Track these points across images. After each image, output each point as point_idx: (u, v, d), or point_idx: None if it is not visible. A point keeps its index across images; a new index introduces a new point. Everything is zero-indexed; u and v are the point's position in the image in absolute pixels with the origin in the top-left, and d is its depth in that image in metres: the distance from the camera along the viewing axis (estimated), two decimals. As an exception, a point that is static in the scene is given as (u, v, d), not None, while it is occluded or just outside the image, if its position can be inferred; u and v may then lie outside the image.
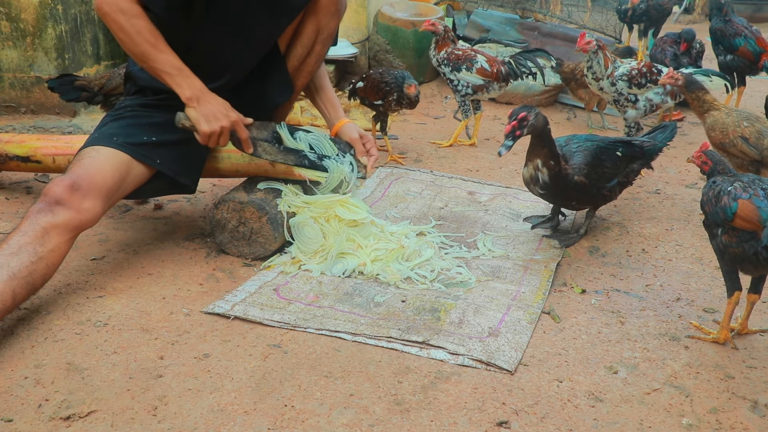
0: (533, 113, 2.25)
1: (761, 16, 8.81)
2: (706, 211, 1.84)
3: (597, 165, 2.40)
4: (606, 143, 2.46)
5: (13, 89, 3.56)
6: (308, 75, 2.42)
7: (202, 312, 1.92)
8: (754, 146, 2.66)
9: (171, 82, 2.04)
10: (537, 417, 1.55)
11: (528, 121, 2.23)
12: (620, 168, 2.46)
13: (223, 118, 2.09)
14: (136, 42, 1.98)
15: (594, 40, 3.15)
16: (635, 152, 2.50)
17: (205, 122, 2.06)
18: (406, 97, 3.14)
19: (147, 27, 1.98)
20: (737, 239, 1.74)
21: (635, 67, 3.20)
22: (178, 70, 2.04)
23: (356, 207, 2.32)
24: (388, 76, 3.19)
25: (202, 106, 2.06)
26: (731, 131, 2.69)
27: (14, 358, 1.68)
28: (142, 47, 1.99)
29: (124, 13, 1.95)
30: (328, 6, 2.27)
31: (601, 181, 2.42)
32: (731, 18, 4.15)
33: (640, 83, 3.19)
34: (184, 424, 1.48)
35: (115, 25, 1.97)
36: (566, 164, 2.38)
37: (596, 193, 2.44)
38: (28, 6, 3.41)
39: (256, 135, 2.23)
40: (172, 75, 2.03)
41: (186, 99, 2.05)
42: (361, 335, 1.82)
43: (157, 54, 2.01)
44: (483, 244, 2.43)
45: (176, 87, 2.04)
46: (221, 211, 2.23)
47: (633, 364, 1.77)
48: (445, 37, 3.45)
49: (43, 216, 1.86)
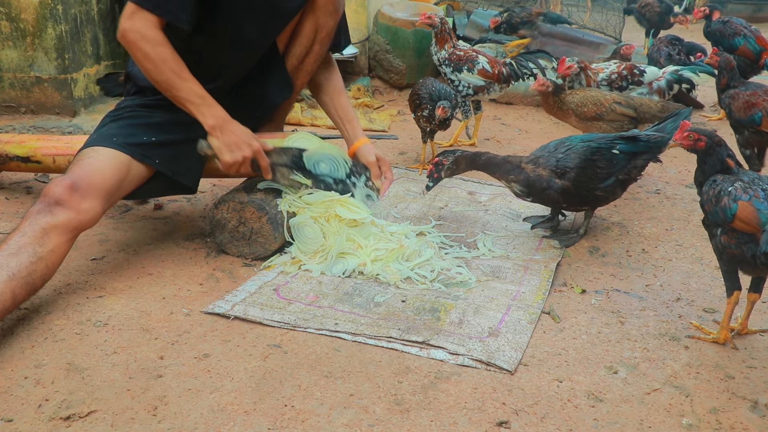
0: (451, 159, 2.39)
1: (761, 16, 8.81)
2: (706, 210, 1.83)
3: (587, 167, 2.36)
4: (601, 142, 2.42)
5: (13, 89, 3.56)
6: (307, 74, 2.42)
7: (202, 312, 1.92)
8: (628, 106, 2.88)
9: (195, 111, 2.06)
10: (537, 417, 1.55)
11: (444, 166, 2.40)
12: (618, 166, 2.41)
13: (245, 147, 2.10)
14: (162, 70, 1.99)
15: (575, 63, 3.16)
16: (640, 147, 2.43)
17: (228, 152, 2.09)
18: (437, 118, 2.99)
19: (171, 55, 1.99)
20: (736, 241, 1.74)
21: (615, 70, 3.21)
22: (202, 99, 2.05)
23: (356, 207, 2.32)
24: (425, 90, 3.06)
25: (225, 135, 2.08)
26: (604, 101, 2.86)
27: (14, 358, 1.68)
28: (167, 75, 2.00)
29: (149, 41, 1.95)
30: (326, 5, 2.27)
31: (592, 183, 2.38)
32: (729, 18, 4.15)
33: (621, 86, 3.21)
34: (184, 424, 1.48)
35: (140, 54, 1.98)
36: (542, 170, 2.37)
37: (587, 195, 2.41)
38: (28, 6, 3.41)
39: (276, 160, 2.25)
40: (195, 104, 2.05)
41: (209, 128, 2.07)
42: (361, 335, 1.82)
43: (182, 83, 2.02)
44: (483, 244, 2.43)
45: (200, 116, 2.06)
46: (221, 211, 2.23)
47: (633, 364, 1.77)
48: (443, 30, 3.43)
49: (43, 216, 1.86)
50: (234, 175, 2.22)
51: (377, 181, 2.42)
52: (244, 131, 2.13)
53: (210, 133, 2.09)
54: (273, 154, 2.24)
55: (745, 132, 2.85)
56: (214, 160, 2.16)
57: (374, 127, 3.86)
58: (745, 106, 2.78)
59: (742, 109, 2.79)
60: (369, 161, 2.42)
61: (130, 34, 1.96)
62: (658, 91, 3.26)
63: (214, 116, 2.07)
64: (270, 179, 2.24)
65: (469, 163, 2.43)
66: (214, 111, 2.08)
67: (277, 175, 2.25)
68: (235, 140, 2.10)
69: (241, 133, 2.12)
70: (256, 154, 2.14)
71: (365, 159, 2.42)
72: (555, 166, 2.38)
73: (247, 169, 2.16)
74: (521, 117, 4.29)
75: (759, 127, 2.81)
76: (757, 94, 2.80)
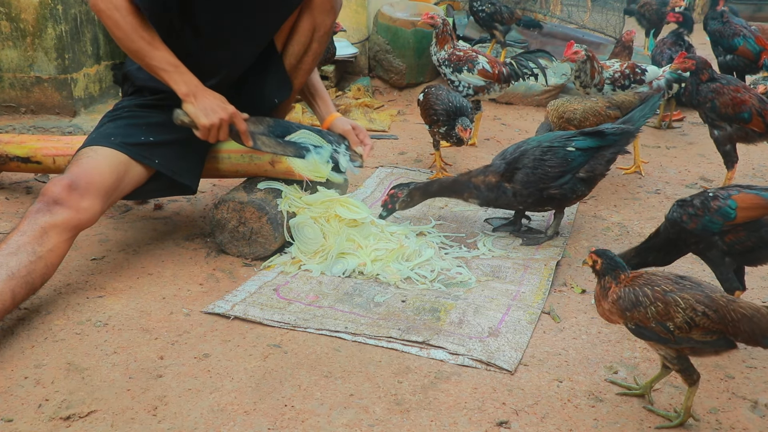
0: (405, 191, 2.43)
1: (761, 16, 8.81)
2: (691, 228, 1.81)
3: (536, 167, 2.34)
4: (554, 141, 2.38)
5: (13, 89, 3.56)
6: (306, 73, 2.42)
7: (202, 312, 1.92)
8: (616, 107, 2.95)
9: (167, 78, 2.04)
10: (537, 417, 1.55)
11: (399, 198, 2.43)
12: (574, 163, 2.35)
13: (221, 110, 2.09)
14: (132, 39, 1.98)
15: (583, 50, 3.16)
16: (606, 141, 2.39)
17: (204, 116, 2.06)
18: (455, 136, 2.88)
19: (142, 24, 1.98)
20: (746, 232, 1.74)
21: (618, 69, 3.23)
22: (174, 67, 2.04)
23: (356, 207, 2.33)
24: (441, 104, 2.92)
25: (200, 100, 2.06)
26: (600, 109, 2.93)
27: (14, 358, 1.68)
28: (138, 44, 1.99)
29: (119, 9, 1.94)
30: (323, 3, 2.27)
31: (543, 182, 2.35)
32: (729, 19, 4.15)
33: (624, 85, 3.22)
34: (184, 424, 1.48)
35: (110, 22, 1.97)
36: (491, 177, 2.38)
37: (540, 195, 2.37)
38: (28, 6, 3.40)
39: (254, 129, 2.24)
40: (168, 71, 2.03)
41: (183, 95, 2.05)
42: (361, 335, 1.82)
43: (153, 51, 2.01)
44: (483, 244, 2.43)
45: (172, 83, 2.04)
46: (221, 211, 2.23)
47: (633, 364, 1.77)
48: (444, 30, 3.42)
49: (42, 216, 1.86)
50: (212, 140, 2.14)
51: (357, 147, 2.43)
52: (219, 96, 2.12)
53: (184, 100, 2.06)
54: (249, 123, 2.22)
55: (728, 128, 2.81)
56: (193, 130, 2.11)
57: (374, 127, 3.85)
58: (733, 103, 2.76)
59: (730, 106, 2.76)
60: (345, 130, 2.44)
61: (100, 3, 1.95)
62: (658, 90, 3.27)
63: (186, 83, 2.05)
64: (251, 146, 2.21)
65: (423, 194, 2.46)
66: (187, 78, 2.06)
67: (258, 143, 2.23)
68: (210, 104, 2.08)
69: (215, 98, 2.10)
70: (233, 116, 2.12)
71: (341, 128, 2.44)
72: (504, 170, 2.38)
73: (225, 133, 2.13)
74: (521, 117, 4.29)
75: (747, 125, 2.78)
76: (742, 90, 2.78)
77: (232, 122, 2.12)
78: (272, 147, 2.26)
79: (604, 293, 1.53)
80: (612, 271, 1.52)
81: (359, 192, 2.88)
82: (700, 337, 1.41)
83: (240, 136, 2.17)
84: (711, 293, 1.43)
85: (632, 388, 1.63)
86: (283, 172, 2.33)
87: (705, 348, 1.44)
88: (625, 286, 1.50)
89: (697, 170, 3.40)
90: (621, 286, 1.51)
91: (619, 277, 1.52)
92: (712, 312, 1.40)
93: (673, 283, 1.46)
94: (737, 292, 1.83)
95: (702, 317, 1.40)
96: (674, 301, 1.42)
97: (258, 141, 2.23)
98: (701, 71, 2.85)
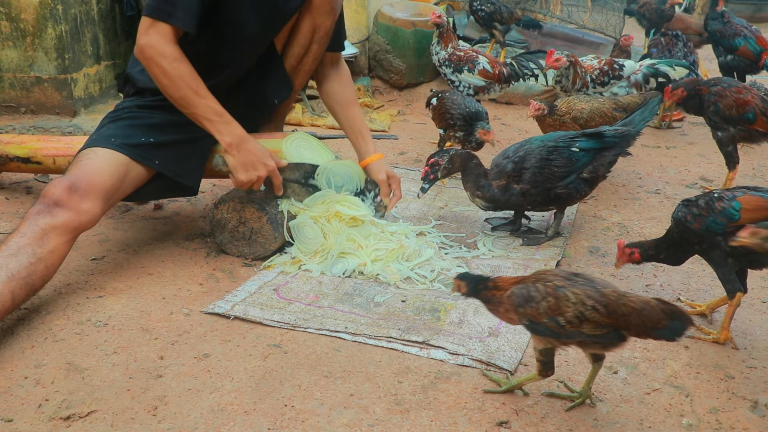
0: (446, 157, 2.39)
1: (761, 16, 8.81)
2: (695, 228, 1.82)
3: (544, 167, 2.35)
4: (559, 141, 2.40)
5: (13, 89, 3.56)
6: (306, 74, 2.42)
7: (202, 312, 1.92)
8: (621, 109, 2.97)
9: (211, 128, 2.05)
10: (537, 417, 1.55)
11: (440, 166, 2.40)
12: (579, 163, 2.37)
13: (261, 167, 2.10)
14: (179, 87, 1.99)
15: (564, 56, 3.18)
16: (606, 143, 2.41)
17: (243, 171, 2.09)
18: (475, 141, 2.87)
19: (189, 72, 1.99)
20: None
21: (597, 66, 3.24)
22: (219, 116, 2.05)
23: (355, 204, 2.33)
24: (458, 108, 2.90)
25: (242, 154, 2.08)
26: (606, 110, 2.93)
27: (14, 358, 1.68)
28: (184, 92, 2.00)
29: (166, 57, 1.95)
30: (322, 4, 2.27)
31: (550, 182, 2.37)
32: (730, 19, 4.15)
33: (604, 81, 3.24)
34: (184, 424, 1.48)
35: (157, 70, 1.97)
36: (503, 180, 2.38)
37: (547, 194, 2.39)
38: (28, 6, 3.40)
39: (288, 176, 2.25)
40: (213, 121, 2.05)
41: (226, 145, 2.07)
42: (361, 335, 1.82)
43: (199, 100, 2.02)
44: (483, 244, 2.43)
45: (216, 134, 2.06)
46: (221, 211, 2.23)
47: (633, 364, 1.77)
48: (448, 29, 3.44)
49: (42, 217, 1.86)
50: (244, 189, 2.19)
51: (386, 198, 2.42)
52: (261, 150, 2.12)
53: (227, 150, 2.08)
54: (287, 170, 2.23)
55: (731, 129, 2.82)
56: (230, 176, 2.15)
57: (374, 127, 3.85)
58: (737, 104, 2.76)
59: (734, 107, 2.76)
60: (379, 179, 2.42)
61: (147, 50, 1.95)
62: (635, 84, 3.32)
63: (231, 134, 2.07)
64: (280, 195, 2.24)
65: (463, 162, 2.42)
66: (231, 128, 2.07)
67: (288, 191, 2.26)
68: (252, 159, 2.09)
69: (257, 152, 2.11)
70: (271, 173, 2.14)
71: (376, 176, 2.42)
72: (511, 170, 2.38)
73: (259, 186, 2.16)
74: (521, 117, 4.29)
75: (752, 126, 2.78)
76: (744, 91, 2.78)
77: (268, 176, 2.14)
78: (301, 196, 2.30)
79: (493, 302, 1.56)
80: (480, 284, 1.56)
81: (359, 192, 2.88)
82: (591, 330, 1.45)
83: (273, 187, 2.20)
84: (602, 288, 1.46)
85: (573, 396, 1.63)
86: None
87: (596, 341, 1.48)
88: (516, 284, 1.53)
89: (697, 170, 3.40)
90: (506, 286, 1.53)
91: (496, 284, 1.55)
92: (602, 306, 1.43)
93: (565, 279, 1.49)
94: (738, 293, 1.83)
95: (592, 311, 1.43)
96: (565, 296, 1.45)
97: (288, 189, 2.26)
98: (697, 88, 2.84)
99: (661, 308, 1.40)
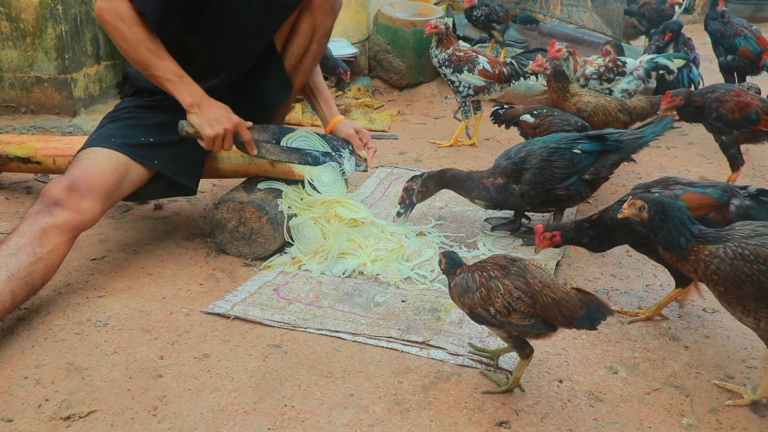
0: (419, 181, 2.43)
1: (761, 16, 8.81)
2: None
3: (544, 167, 2.35)
4: (561, 143, 2.39)
5: (13, 89, 3.56)
6: (306, 73, 2.42)
7: (202, 312, 1.92)
8: (626, 112, 3.01)
9: (172, 89, 2.04)
10: (537, 417, 1.55)
11: (414, 190, 2.43)
12: (580, 165, 2.36)
13: (225, 121, 2.09)
14: (138, 50, 1.98)
15: (564, 47, 3.29)
16: (608, 146, 2.39)
17: (209, 126, 2.07)
18: None
19: (147, 35, 1.98)
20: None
21: (602, 64, 3.36)
22: (179, 77, 2.04)
23: (356, 207, 2.33)
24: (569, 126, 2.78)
25: (204, 111, 2.07)
26: (611, 109, 2.96)
27: (14, 358, 1.68)
28: (143, 55, 1.99)
29: (125, 20, 1.95)
30: (322, 4, 2.27)
31: (551, 183, 2.36)
32: (730, 19, 4.15)
33: (609, 78, 3.35)
34: (184, 424, 1.48)
35: (116, 33, 1.97)
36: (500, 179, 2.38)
37: (547, 196, 2.38)
38: (28, 6, 3.40)
39: (258, 137, 2.24)
40: (173, 82, 2.04)
41: (187, 105, 2.06)
42: (361, 335, 1.82)
43: (158, 61, 2.01)
44: (483, 244, 2.43)
45: (177, 94, 2.05)
46: (221, 211, 2.23)
47: (633, 364, 1.77)
48: (448, 34, 3.45)
49: (42, 217, 1.86)
50: (217, 150, 2.15)
51: (362, 152, 2.45)
52: (223, 106, 2.12)
53: (188, 110, 2.07)
54: (253, 131, 2.23)
55: (734, 132, 2.81)
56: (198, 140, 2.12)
57: (374, 127, 3.85)
58: (739, 107, 2.75)
59: (736, 111, 2.75)
60: (348, 134, 2.45)
61: (105, 14, 1.95)
62: (639, 78, 3.43)
63: (191, 93, 2.06)
64: (255, 155, 2.21)
65: (437, 182, 2.46)
66: (191, 88, 2.06)
67: (262, 150, 2.23)
68: (215, 115, 2.08)
69: (219, 108, 2.10)
70: (238, 127, 2.13)
71: (344, 132, 2.46)
72: (512, 171, 2.38)
73: (230, 144, 2.13)
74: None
75: (756, 126, 2.78)
76: (742, 93, 2.78)
77: (236, 132, 2.13)
78: (277, 155, 2.27)
79: (450, 289, 1.63)
80: (453, 268, 1.62)
81: (359, 192, 2.88)
82: (519, 321, 1.49)
83: (245, 145, 2.17)
84: (531, 279, 1.49)
85: (485, 352, 1.73)
86: (282, 172, 2.33)
87: (528, 331, 1.51)
88: (461, 273, 1.58)
89: (697, 170, 3.40)
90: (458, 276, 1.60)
91: (456, 272, 1.61)
92: (527, 297, 1.47)
93: (501, 268, 1.53)
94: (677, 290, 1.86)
95: (518, 302, 1.47)
96: (495, 287, 1.50)
97: (262, 149, 2.24)
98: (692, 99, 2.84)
99: (579, 298, 1.44)
